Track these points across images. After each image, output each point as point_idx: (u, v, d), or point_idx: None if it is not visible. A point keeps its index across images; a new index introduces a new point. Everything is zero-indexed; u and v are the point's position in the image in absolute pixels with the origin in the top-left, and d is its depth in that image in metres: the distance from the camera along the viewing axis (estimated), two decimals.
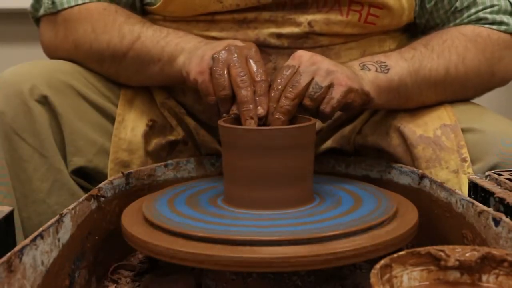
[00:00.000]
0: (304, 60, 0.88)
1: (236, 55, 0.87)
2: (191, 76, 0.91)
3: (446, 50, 1.02)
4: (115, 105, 1.06)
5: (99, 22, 1.04)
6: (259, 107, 0.85)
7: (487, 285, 0.60)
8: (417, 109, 1.05)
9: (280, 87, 0.86)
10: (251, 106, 0.85)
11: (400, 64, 0.99)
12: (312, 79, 0.87)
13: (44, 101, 0.99)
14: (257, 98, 0.86)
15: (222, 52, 0.88)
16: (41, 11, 1.09)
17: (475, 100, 1.11)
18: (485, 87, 1.09)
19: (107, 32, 1.04)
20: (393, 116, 1.05)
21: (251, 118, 0.85)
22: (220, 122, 0.85)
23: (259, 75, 0.87)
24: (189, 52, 0.96)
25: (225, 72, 0.87)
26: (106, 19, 1.04)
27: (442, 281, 0.61)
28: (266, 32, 1.01)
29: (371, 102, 0.95)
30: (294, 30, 1.01)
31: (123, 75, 1.07)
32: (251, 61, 0.88)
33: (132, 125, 1.04)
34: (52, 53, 1.12)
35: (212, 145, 1.08)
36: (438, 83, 1.02)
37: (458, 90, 1.05)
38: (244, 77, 0.86)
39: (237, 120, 0.87)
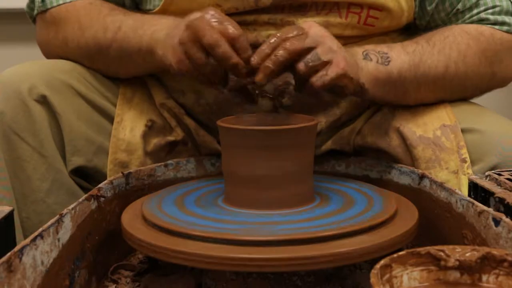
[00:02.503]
0: (314, 29, 0.87)
1: (199, 26, 0.85)
2: (175, 68, 0.90)
3: (447, 47, 1.02)
4: (113, 104, 1.06)
5: (85, 17, 1.05)
6: (253, 58, 0.84)
7: (487, 285, 0.60)
8: (417, 108, 1.04)
9: (283, 36, 0.85)
10: (234, 59, 0.84)
11: (401, 57, 0.99)
12: (314, 48, 0.86)
13: (43, 100, 0.99)
14: (243, 56, 0.84)
15: (185, 33, 0.87)
16: (35, 11, 1.11)
17: (475, 100, 1.10)
18: (485, 87, 1.09)
19: (92, 26, 1.04)
20: (392, 116, 1.05)
21: (241, 69, 0.84)
22: (220, 122, 0.85)
23: (232, 31, 0.85)
24: (163, 42, 0.94)
25: (197, 46, 0.85)
26: (92, 13, 1.05)
27: (442, 281, 0.61)
28: (265, 34, 1.01)
29: (365, 93, 0.95)
30: None
31: (112, 68, 1.08)
32: (217, 22, 0.85)
33: (131, 126, 1.04)
34: (46, 51, 1.13)
35: (212, 145, 1.08)
36: (436, 80, 1.02)
37: (457, 88, 1.05)
38: (215, 36, 0.84)
39: (237, 120, 0.87)
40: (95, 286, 0.85)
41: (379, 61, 0.97)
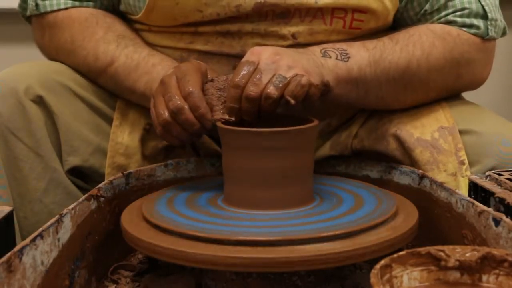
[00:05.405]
0: (264, 57, 0.87)
1: (167, 86, 0.88)
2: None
3: (411, 44, 0.99)
4: (110, 105, 1.07)
5: (78, 35, 1.05)
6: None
7: (487, 285, 0.60)
8: (413, 110, 1.03)
9: (240, 85, 0.85)
10: (196, 126, 0.86)
11: (361, 53, 0.97)
12: (274, 75, 0.85)
13: (39, 101, 0.99)
14: (196, 114, 0.86)
15: (157, 89, 0.90)
16: (28, 12, 1.11)
17: (475, 100, 1.10)
18: (450, 89, 1.06)
19: (84, 47, 1.05)
20: (389, 119, 1.03)
21: (202, 132, 0.87)
22: (220, 124, 0.85)
23: (185, 89, 0.86)
24: None
25: (163, 102, 0.88)
26: (85, 32, 1.05)
27: (442, 281, 0.61)
28: (251, 43, 0.99)
29: (330, 92, 0.93)
30: (278, 42, 0.99)
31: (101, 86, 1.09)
32: (181, 81, 0.88)
33: (129, 129, 1.04)
34: (42, 52, 1.15)
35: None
36: (397, 78, 0.99)
37: (419, 87, 1.02)
38: (177, 102, 0.86)
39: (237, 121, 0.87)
40: (95, 286, 0.85)
41: (338, 58, 0.95)
